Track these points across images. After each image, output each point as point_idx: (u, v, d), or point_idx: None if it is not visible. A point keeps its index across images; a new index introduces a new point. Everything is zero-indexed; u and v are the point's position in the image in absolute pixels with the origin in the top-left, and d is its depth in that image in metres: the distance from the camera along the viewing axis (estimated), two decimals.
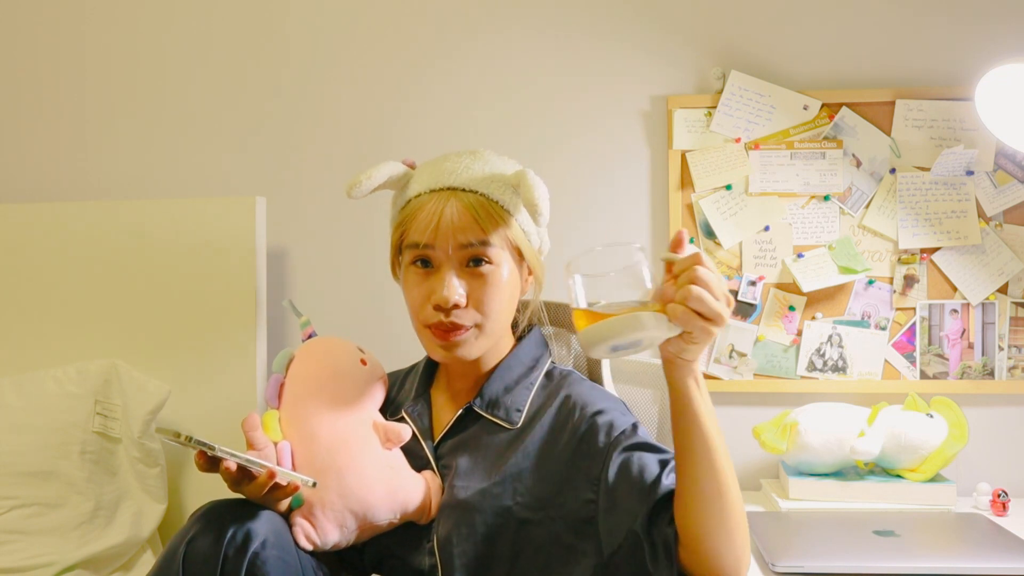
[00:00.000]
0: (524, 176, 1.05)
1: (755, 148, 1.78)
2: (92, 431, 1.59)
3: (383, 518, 1.08)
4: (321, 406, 1.10)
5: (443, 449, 1.14)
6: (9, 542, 1.48)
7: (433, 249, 1.06)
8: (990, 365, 1.73)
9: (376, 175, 1.10)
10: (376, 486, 1.07)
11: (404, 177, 1.13)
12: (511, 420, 1.11)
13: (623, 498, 1.00)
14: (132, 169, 1.93)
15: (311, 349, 1.18)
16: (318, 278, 1.89)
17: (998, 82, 1.54)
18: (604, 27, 1.82)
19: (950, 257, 1.74)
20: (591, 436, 1.06)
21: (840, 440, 1.59)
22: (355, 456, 1.07)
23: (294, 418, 1.10)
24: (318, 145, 1.89)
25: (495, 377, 1.14)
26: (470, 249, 1.06)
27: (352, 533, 1.07)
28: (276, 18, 1.90)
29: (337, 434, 1.08)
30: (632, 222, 1.82)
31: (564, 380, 1.15)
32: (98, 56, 1.94)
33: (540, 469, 1.07)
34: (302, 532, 1.04)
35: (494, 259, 1.07)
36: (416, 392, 1.20)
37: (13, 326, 1.78)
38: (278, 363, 1.15)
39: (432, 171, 1.10)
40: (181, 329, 1.72)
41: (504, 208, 1.08)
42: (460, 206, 1.06)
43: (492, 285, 1.07)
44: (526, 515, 1.06)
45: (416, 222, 1.07)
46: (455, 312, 1.06)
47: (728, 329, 1.78)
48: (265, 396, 1.15)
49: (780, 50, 1.79)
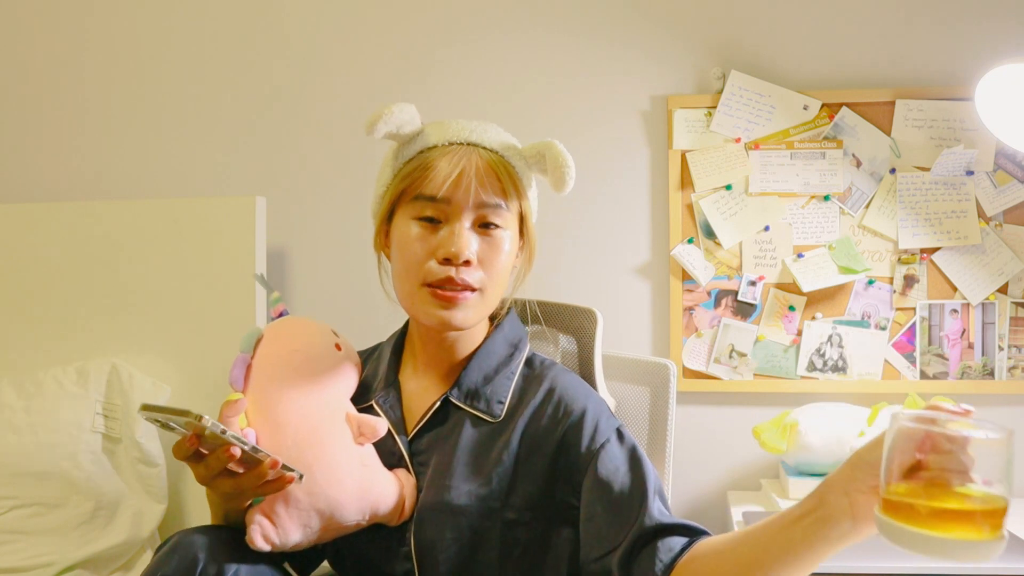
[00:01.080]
0: (552, 143, 1.02)
1: (755, 148, 1.78)
2: (92, 431, 1.59)
3: (351, 519, 0.99)
4: (291, 392, 1.00)
5: (419, 444, 1.05)
6: (9, 542, 1.48)
7: (448, 204, 0.99)
8: (990, 365, 1.73)
9: (404, 111, 1.01)
10: (347, 484, 0.97)
11: (415, 130, 1.04)
12: (493, 412, 1.04)
13: (600, 520, 0.96)
14: (132, 169, 1.93)
15: (282, 329, 1.07)
16: (318, 278, 1.89)
17: (998, 82, 1.54)
18: (604, 27, 1.82)
19: (950, 257, 1.74)
20: (575, 438, 1.00)
21: (840, 440, 1.59)
22: (326, 450, 0.98)
23: (261, 404, 0.99)
24: (318, 145, 1.89)
25: (473, 365, 1.06)
26: (487, 208, 1.00)
27: (315, 533, 0.98)
28: (276, 18, 1.90)
29: (307, 425, 0.98)
30: (632, 222, 1.82)
31: (548, 370, 1.08)
32: (98, 56, 1.94)
33: (525, 466, 1.01)
34: (259, 531, 0.94)
35: (505, 224, 1.02)
36: (386, 379, 1.10)
37: (13, 326, 1.78)
38: (245, 342, 1.04)
39: (447, 127, 1.04)
40: (181, 329, 1.72)
41: (519, 177, 1.04)
42: (484, 162, 1.00)
43: (500, 249, 1.02)
44: (513, 516, 1.00)
45: (433, 172, 0.99)
46: (464, 269, 0.99)
47: (728, 329, 1.78)
48: (230, 377, 1.02)
49: (780, 50, 1.79)
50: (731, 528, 1.55)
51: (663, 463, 1.32)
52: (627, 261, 1.82)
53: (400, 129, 1.02)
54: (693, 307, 1.79)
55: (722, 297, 1.78)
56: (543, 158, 1.03)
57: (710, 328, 1.78)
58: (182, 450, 0.89)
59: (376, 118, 0.99)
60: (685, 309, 1.79)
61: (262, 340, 1.04)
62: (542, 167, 1.04)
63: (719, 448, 1.79)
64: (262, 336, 1.05)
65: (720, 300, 1.78)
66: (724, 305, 1.78)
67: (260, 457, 0.89)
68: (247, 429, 0.97)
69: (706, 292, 1.79)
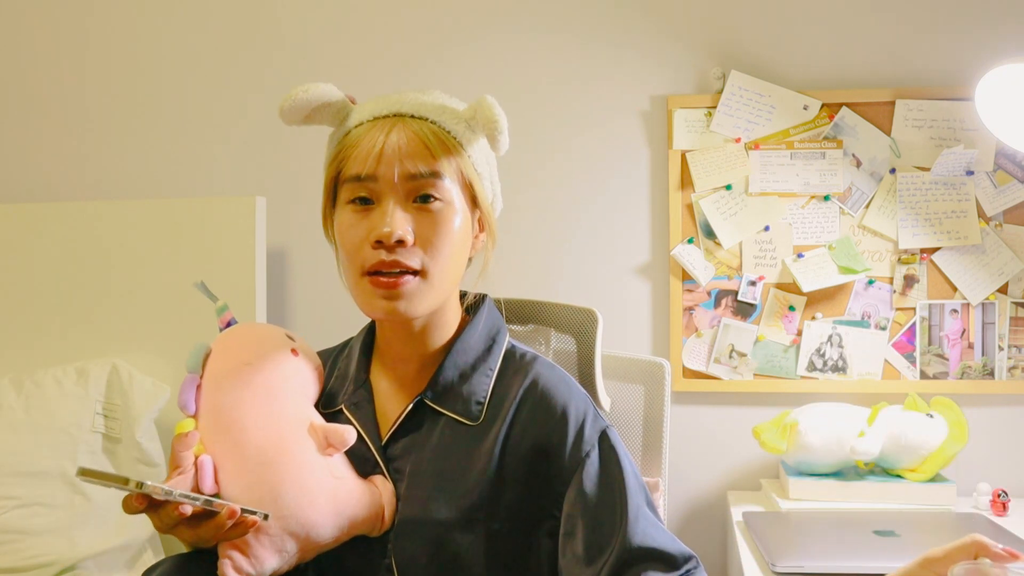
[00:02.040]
0: (484, 97, 0.94)
1: (755, 148, 1.78)
2: (92, 431, 1.59)
3: (328, 536, 0.92)
4: (247, 408, 0.92)
5: (393, 450, 0.98)
6: (9, 542, 1.48)
7: (375, 181, 0.92)
8: (990, 365, 1.73)
9: (312, 91, 0.96)
10: (319, 501, 0.90)
11: (343, 109, 0.99)
12: (471, 415, 0.97)
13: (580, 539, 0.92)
14: (132, 169, 1.93)
15: (230, 340, 0.98)
16: (318, 278, 1.89)
17: (998, 82, 1.54)
18: (604, 27, 1.82)
19: (950, 257, 1.74)
20: (559, 443, 0.95)
21: (840, 440, 1.59)
22: (292, 468, 0.90)
23: (217, 424, 0.92)
24: (318, 145, 1.88)
25: (448, 362, 0.99)
26: (418, 181, 0.92)
27: (293, 557, 0.91)
28: (276, 19, 1.90)
29: (269, 442, 0.91)
30: (632, 222, 1.82)
31: (530, 365, 1.02)
32: (98, 56, 1.94)
33: (508, 472, 0.95)
34: (231, 565, 0.87)
35: (444, 196, 0.94)
36: (355, 380, 1.03)
37: (13, 326, 1.78)
38: (192, 360, 0.95)
39: (376, 101, 0.98)
40: (181, 329, 1.72)
41: (457, 140, 0.95)
42: (408, 132, 0.93)
43: (442, 224, 0.93)
44: (498, 526, 0.94)
45: (357, 151, 0.93)
46: (399, 251, 0.91)
47: (728, 329, 1.78)
48: (179, 401, 0.93)
49: (780, 50, 1.79)
50: (732, 528, 1.55)
51: (659, 462, 1.32)
52: (627, 261, 1.82)
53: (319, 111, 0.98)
54: (693, 307, 1.79)
55: (722, 297, 1.78)
56: (475, 115, 0.95)
57: (710, 328, 1.78)
58: (131, 508, 0.82)
59: (282, 102, 0.96)
60: (685, 309, 1.79)
61: (210, 355, 0.96)
62: (479, 126, 0.96)
63: (719, 448, 1.79)
64: (210, 351, 0.97)
65: (720, 300, 1.78)
66: (724, 305, 1.78)
67: (216, 507, 0.83)
68: (203, 457, 0.90)
69: (706, 292, 1.79)
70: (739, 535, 1.46)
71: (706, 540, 1.79)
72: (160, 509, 0.83)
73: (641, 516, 0.92)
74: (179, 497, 0.81)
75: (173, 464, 0.90)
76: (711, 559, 1.78)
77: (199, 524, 0.85)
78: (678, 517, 1.79)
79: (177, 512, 0.82)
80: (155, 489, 0.79)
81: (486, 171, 1.01)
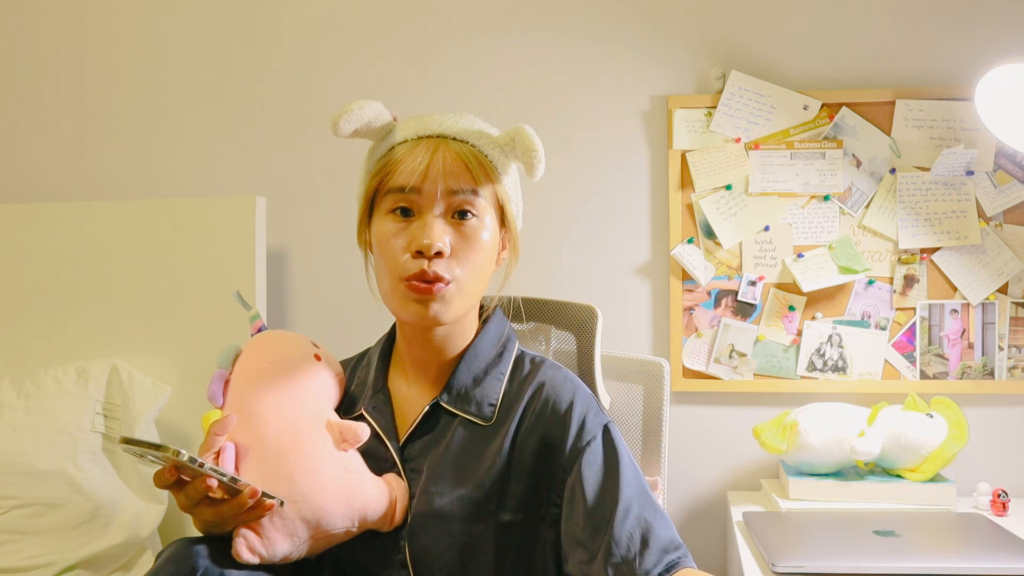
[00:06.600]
0: (522, 127, 1.01)
1: (755, 148, 1.78)
2: (92, 431, 1.59)
3: (339, 526, 0.98)
4: (270, 400, 1.01)
5: (411, 450, 1.05)
6: (9, 542, 1.48)
7: (419, 194, 1.00)
8: (990, 365, 1.73)
9: (367, 108, 1.02)
10: (331, 491, 0.97)
11: (387, 126, 1.06)
12: (483, 415, 1.05)
13: (577, 524, 0.98)
14: (132, 169, 1.93)
15: (260, 343, 1.08)
16: (318, 278, 1.89)
17: (998, 82, 1.54)
18: (604, 27, 1.82)
19: (950, 257, 1.74)
20: (561, 435, 1.02)
21: (840, 440, 1.59)
22: (307, 458, 0.98)
23: (240, 415, 1.00)
24: (318, 145, 1.89)
25: (462, 367, 1.07)
26: (458, 197, 1.00)
27: (304, 543, 0.97)
28: (276, 18, 1.90)
29: (287, 434, 0.99)
30: (632, 222, 1.82)
31: (537, 367, 1.09)
32: (98, 56, 1.94)
33: (517, 466, 1.02)
34: (245, 544, 0.93)
35: (479, 213, 1.02)
36: (374, 385, 1.10)
37: (13, 326, 1.78)
38: (223, 358, 1.06)
39: (419, 121, 1.05)
40: (181, 329, 1.72)
41: (493, 164, 1.04)
42: (452, 153, 1.01)
43: (475, 238, 1.01)
44: (508, 518, 1.01)
45: (402, 165, 1.00)
46: (436, 261, 0.99)
47: (728, 329, 1.78)
48: (208, 393, 1.03)
49: (780, 50, 1.79)
50: (732, 528, 1.55)
51: (659, 460, 1.33)
52: (627, 261, 1.82)
53: (368, 125, 1.03)
54: (693, 307, 1.79)
55: (722, 297, 1.78)
56: (513, 143, 1.02)
57: (710, 328, 1.78)
58: (162, 480, 0.90)
59: (338, 116, 1.01)
60: (685, 309, 1.79)
61: (240, 355, 1.06)
62: (515, 153, 1.03)
63: (719, 448, 1.79)
64: (240, 352, 1.06)
65: (720, 300, 1.78)
66: (724, 305, 1.78)
67: (239, 487, 0.90)
68: (226, 443, 0.97)
69: (706, 292, 1.79)
70: (739, 535, 1.46)
71: (706, 540, 1.79)
72: (187, 485, 0.90)
73: (635, 502, 0.97)
74: (208, 470, 0.87)
75: (205, 447, 0.97)
76: (711, 559, 1.78)
77: (220, 503, 0.91)
78: (678, 517, 1.79)
79: (204, 485, 0.88)
80: (189, 459, 0.85)
81: (515, 194, 1.09)
